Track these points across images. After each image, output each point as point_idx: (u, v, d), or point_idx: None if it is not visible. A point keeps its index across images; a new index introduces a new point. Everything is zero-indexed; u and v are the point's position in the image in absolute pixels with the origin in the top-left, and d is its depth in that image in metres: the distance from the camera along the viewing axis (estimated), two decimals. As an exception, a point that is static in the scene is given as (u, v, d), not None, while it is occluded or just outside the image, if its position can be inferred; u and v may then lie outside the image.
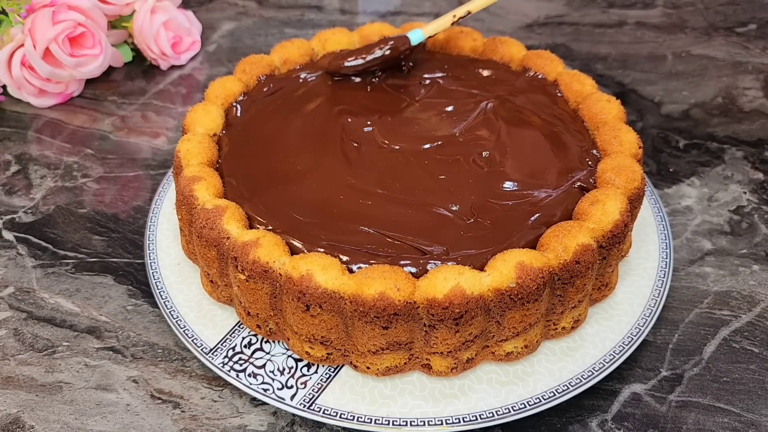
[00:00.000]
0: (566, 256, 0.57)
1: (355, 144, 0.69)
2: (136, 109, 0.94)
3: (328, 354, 0.59)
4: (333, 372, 0.61)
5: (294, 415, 0.61)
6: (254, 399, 0.62)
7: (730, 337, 0.67)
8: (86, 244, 0.76)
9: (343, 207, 0.62)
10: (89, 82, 0.97)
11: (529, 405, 0.58)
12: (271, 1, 1.16)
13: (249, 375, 0.60)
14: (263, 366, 0.61)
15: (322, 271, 0.55)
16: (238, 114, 0.73)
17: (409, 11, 1.15)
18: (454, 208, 0.62)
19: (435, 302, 0.54)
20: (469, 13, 0.78)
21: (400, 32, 0.83)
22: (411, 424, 0.57)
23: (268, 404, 0.61)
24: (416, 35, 0.77)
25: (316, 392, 0.59)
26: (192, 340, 0.63)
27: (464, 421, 0.57)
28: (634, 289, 0.66)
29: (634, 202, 0.63)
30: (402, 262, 0.57)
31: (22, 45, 0.89)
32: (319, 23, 1.10)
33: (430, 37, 0.78)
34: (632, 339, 0.62)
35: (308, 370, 0.61)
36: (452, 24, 0.78)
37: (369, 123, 0.71)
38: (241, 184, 0.65)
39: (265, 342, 0.63)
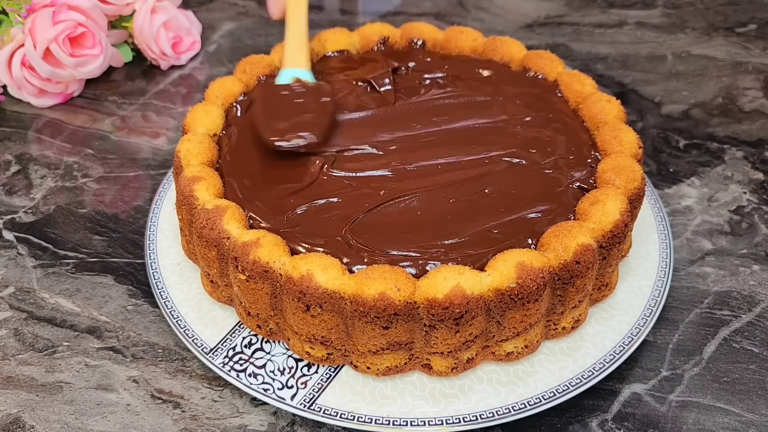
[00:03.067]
0: (566, 256, 0.57)
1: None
2: (137, 109, 0.94)
3: (328, 354, 0.59)
4: (333, 372, 0.61)
5: (294, 415, 0.61)
6: (254, 399, 0.62)
7: (730, 337, 0.67)
8: (86, 244, 0.76)
9: (344, 207, 0.62)
10: (89, 82, 0.97)
11: (530, 405, 0.58)
12: (271, 1, 1.16)
13: (249, 375, 0.60)
14: (263, 366, 0.61)
15: (323, 271, 0.55)
16: (238, 114, 0.73)
17: (409, 11, 1.15)
18: (454, 209, 0.62)
19: (435, 302, 0.54)
20: None
21: (401, 32, 0.83)
22: (411, 424, 0.57)
23: (268, 404, 0.61)
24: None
25: (317, 392, 0.59)
26: (192, 340, 0.63)
27: (464, 421, 0.57)
28: (634, 289, 0.66)
29: (634, 202, 0.63)
30: (402, 263, 0.57)
31: (23, 45, 0.89)
32: (319, 23, 1.10)
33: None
34: (632, 339, 0.62)
35: (308, 370, 0.61)
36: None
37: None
38: (242, 184, 0.65)
39: (266, 342, 0.63)
